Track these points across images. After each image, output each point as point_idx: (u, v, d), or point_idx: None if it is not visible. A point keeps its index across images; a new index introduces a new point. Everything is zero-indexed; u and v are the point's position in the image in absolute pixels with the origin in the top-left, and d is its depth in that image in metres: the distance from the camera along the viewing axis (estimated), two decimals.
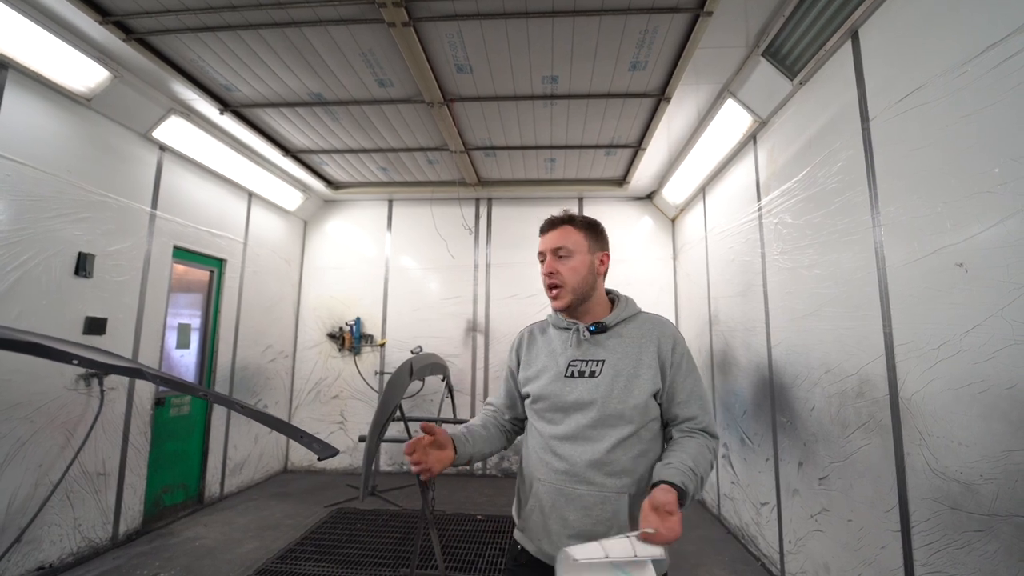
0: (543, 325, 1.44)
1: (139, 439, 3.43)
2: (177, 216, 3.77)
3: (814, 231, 2.55)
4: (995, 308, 1.53)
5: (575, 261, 1.31)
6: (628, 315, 1.33)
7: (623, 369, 1.24)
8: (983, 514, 1.57)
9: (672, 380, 1.26)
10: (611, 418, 1.21)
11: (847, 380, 2.28)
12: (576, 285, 1.30)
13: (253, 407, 1.35)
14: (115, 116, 3.19)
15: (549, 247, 1.34)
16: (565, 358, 1.30)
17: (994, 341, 1.54)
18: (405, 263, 5.49)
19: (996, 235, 1.53)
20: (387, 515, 3.98)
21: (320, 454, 1.30)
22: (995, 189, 1.54)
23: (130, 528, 3.36)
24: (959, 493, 1.66)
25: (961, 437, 1.66)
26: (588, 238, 1.34)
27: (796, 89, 2.69)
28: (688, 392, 1.26)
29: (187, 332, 4.04)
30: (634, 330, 1.30)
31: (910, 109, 1.90)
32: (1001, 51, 1.51)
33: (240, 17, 2.47)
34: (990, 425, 1.55)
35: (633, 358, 1.25)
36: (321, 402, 5.33)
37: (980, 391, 1.59)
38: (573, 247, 1.32)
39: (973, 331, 1.61)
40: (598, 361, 1.26)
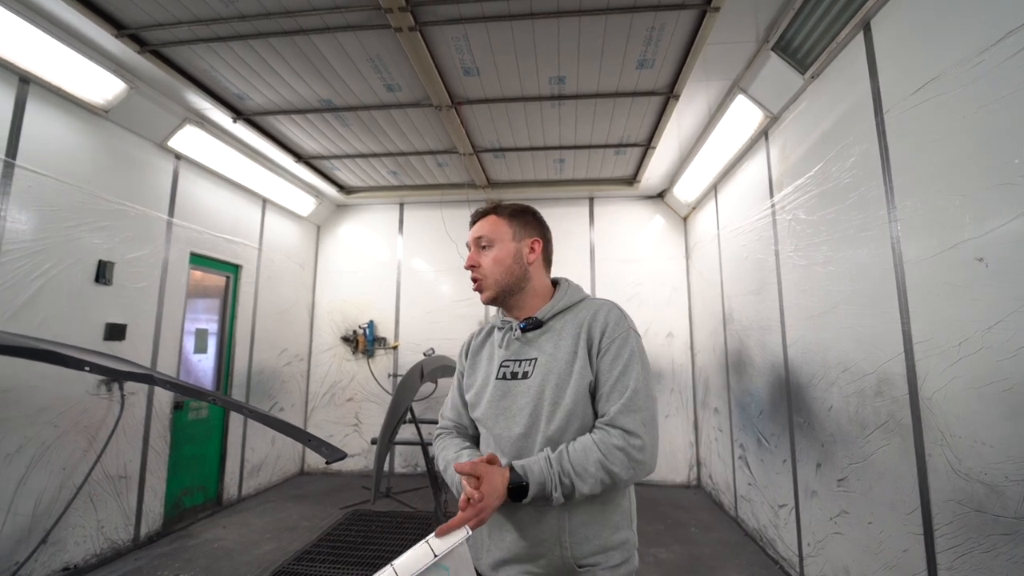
0: (489, 327, 1.33)
1: (159, 442, 3.50)
2: (193, 223, 3.85)
3: (829, 227, 2.50)
4: (1018, 303, 1.48)
5: (496, 251, 1.19)
6: (565, 306, 1.19)
7: (555, 367, 1.10)
8: (1009, 517, 1.52)
9: (598, 368, 1.09)
10: (542, 423, 1.08)
11: (865, 379, 2.23)
12: (499, 277, 1.18)
13: (261, 411, 1.37)
14: (132, 126, 3.27)
15: (472, 238, 1.24)
16: (498, 359, 1.20)
17: (1018, 337, 1.49)
18: (417, 266, 5.52)
19: (1017, 228, 1.48)
20: (401, 517, 3.99)
21: (328, 458, 1.30)
22: (1016, 180, 1.49)
23: (151, 530, 3.43)
24: (984, 495, 1.61)
25: (985, 437, 1.61)
26: (513, 225, 1.22)
27: (808, 83, 2.64)
28: (613, 382, 1.06)
29: (204, 337, 4.12)
30: (570, 323, 1.16)
31: (926, 100, 1.85)
32: (1019, 38, 1.47)
33: (250, 27, 2.51)
34: (1015, 425, 1.50)
35: (567, 352, 1.11)
36: (336, 405, 5.38)
37: (1004, 389, 1.54)
38: (494, 236, 1.21)
39: (995, 327, 1.56)
40: (530, 360, 1.14)
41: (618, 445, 1.01)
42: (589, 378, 1.08)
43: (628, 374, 1.07)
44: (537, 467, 1.00)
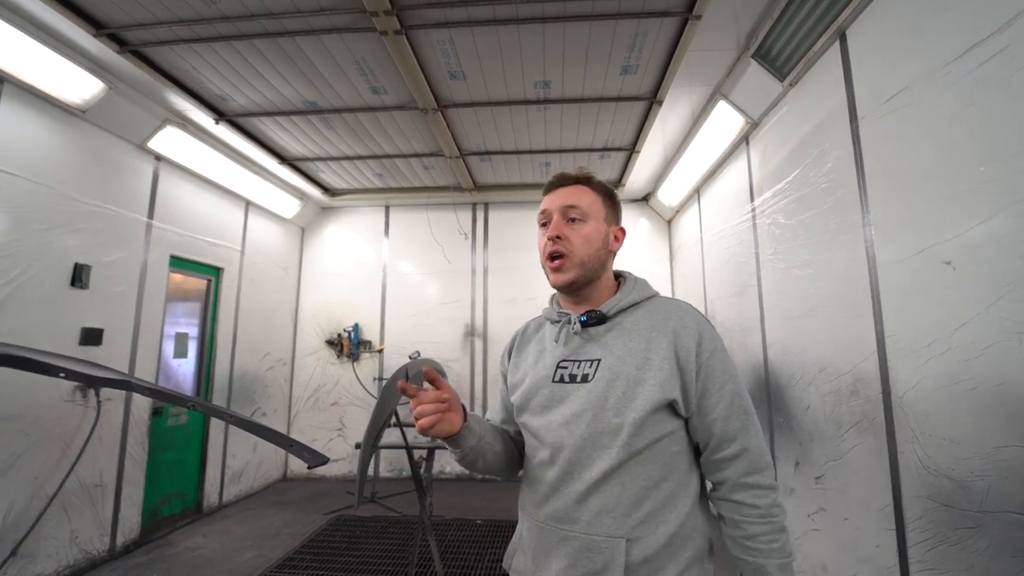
0: (540, 320, 1.18)
1: (136, 449, 3.43)
2: (174, 226, 3.78)
3: (806, 231, 2.57)
4: (982, 305, 1.54)
5: (589, 228, 1.03)
6: (635, 300, 1.03)
7: (623, 371, 0.95)
8: (975, 511, 1.58)
9: (703, 389, 0.94)
10: (604, 437, 0.93)
11: (841, 379, 2.29)
12: (586, 258, 1.01)
13: (241, 416, 1.36)
14: (110, 127, 3.20)
15: (558, 205, 1.05)
16: (554, 358, 1.04)
17: (982, 338, 1.55)
18: (403, 268, 5.50)
19: (982, 233, 1.55)
20: (386, 521, 3.97)
21: (310, 462, 1.29)
22: (980, 188, 1.55)
23: (128, 539, 3.35)
24: (951, 490, 1.67)
25: (952, 434, 1.67)
26: (607, 205, 1.08)
27: (787, 90, 2.71)
28: (727, 405, 0.94)
29: (184, 341, 4.04)
30: (643, 320, 1.00)
31: (897, 109, 1.92)
32: (984, 51, 1.53)
33: (233, 28, 2.49)
34: (980, 422, 1.56)
35: (638, 356, 0.96)
36: (320, 409, 5.32)
37: (970, 388, 1.60)
38: (588, 210, 1.04)
39: (962, 329, 1.62)
40: (591, 361, 0.99)
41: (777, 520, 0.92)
42: (673, 396, 0.92)
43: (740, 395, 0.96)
44: None
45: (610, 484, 0.91)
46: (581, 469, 0.94)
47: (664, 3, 2.32)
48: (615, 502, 0.91)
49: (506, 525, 3.85)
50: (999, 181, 1.48)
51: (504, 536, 3.64)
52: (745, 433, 0.94)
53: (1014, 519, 1.44)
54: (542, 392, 1.02)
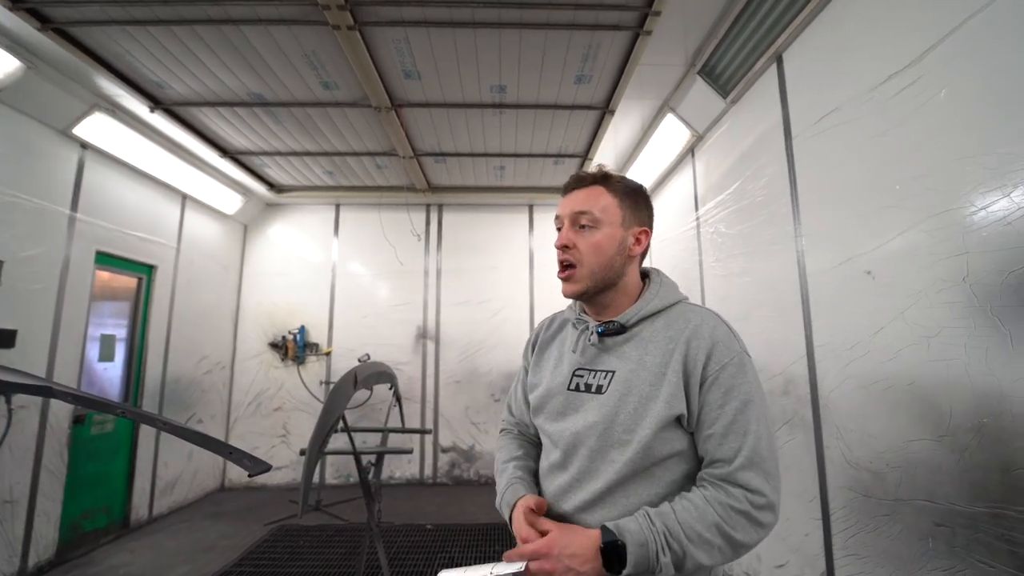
0: (564, 317, 1.15)
1: (54, 461, 3.14)
2: (101, 219, 3.51)
3: (745, 240, 2.72)
4: (897, 312, 1.69)
5: (600, 235, 0.99)
6: (656, 309, 0.98)
7: (636, 386, 0.92)
8: (889, 499, 1.72)
9: (703, 402, 0.90)
10: (612, 451, 0.92)
11: (774, 379, 2.44)
12: (597, 267, 0.98)
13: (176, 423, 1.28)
14: (29, 110, 2.94)
15: (569, 210, 1.02)
16: (570, 365, 1.03)
17: (897, 342, 1.70)
18: (353, 269, 5.36)
19: (898, 246, 1.70)
20: (332, 530, 3.85)
21: (251, 470, 1.24)
22: (897, 204, 1.70)
23: (42, 559, 3.07)
24: (870, 481, 1.82)
25: (871, 430, 1.82)
26: (624, 207, 1.01)
27: (729, 107, 2.87)
28: (727, 423, 0.87)
29: (112, 343, 3.76)
30: (661, 331, 0.96)
31: (827, 129, 2.07)
32: (900, 80, 1.68)
33: (172, 12, 2.35)
34: (894, 418, 1.71)
35: (653, 371, 0.92)
36: (262, 415, 5.09)
37: (886, 387, 1.75)
38: (601, 215, 0.99)
39: (880, 333, 1.77)
40: (606, 372, 0.97)
41: (740, 508, 0.83)
42: (679, 411, 0.89)
43: (747, 414, 0.87)
44: (635, 525, 0.83)
45: (615, 497, 0.91)
46: (589, 480, 0.93)
47: (617, 17, 2.40)
48: (618, 513, 0.89)
49: (457, 529, 3.82)
50: (913, 199, 1.63)
51: (455, 540, 3.62)
52: (746, 461, 0.85)
53: (922, 505, 1.59)
54: (557, 399, 1.02)
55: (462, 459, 5.12)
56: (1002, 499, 1.34)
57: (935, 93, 1.54)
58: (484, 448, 5.12)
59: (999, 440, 1.35)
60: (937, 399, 1.54)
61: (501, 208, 5.40)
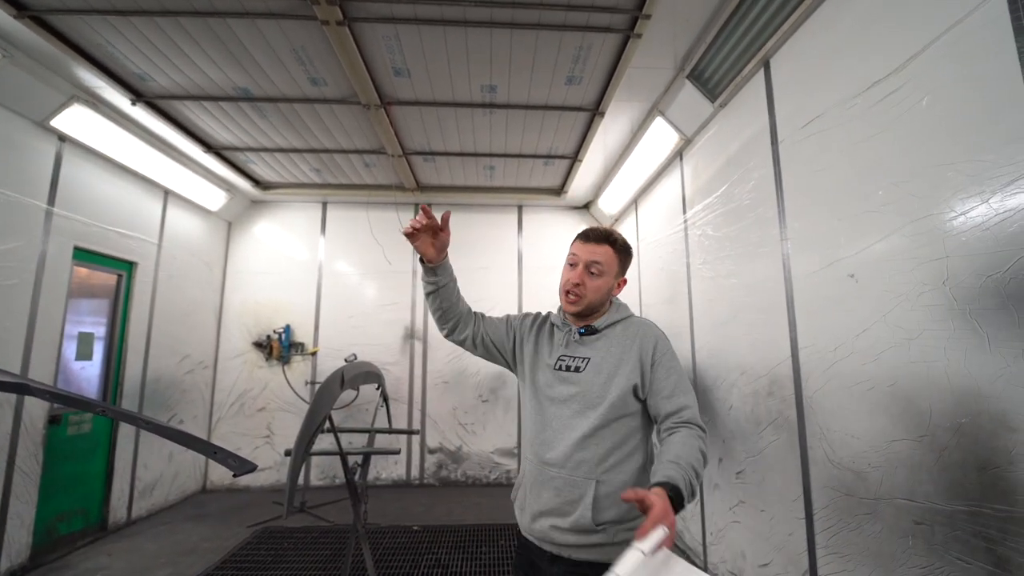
0: (552, 321, 1.55)
1: (28, 462, 3.06)
2: (79, 214, 3.42)
3: (732, 243, 2.75)
4: (879, 314, 1.72)
5: (602, 281, 1.40)
6: (616, 319, 1.44)
7: (604, 366, 1.36)
8: (870, 498, 1.75)
9: (654, 376, 1.34)
10: (588, 409, 1.32)
11: (759, 381, 2.47)
12: (593, 300, 1.40)
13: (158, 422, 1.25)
14: (4, 101, 2.85)
15: (586, 259, 1.41)
16: (557, 353, 1.44)
17: (879, 344, 1.73)
18: (340, 268, 5.30)
19: (880, 250, 1.73)
20: (317, 532, 3.81)
21: (236, 471, 1.21)
22: (879, 209, 1.74)
23: (14, 564, 2.98)
24: (852, 481, 1.85)
25: (854, 430, 1.85)
26: (619, 264, 1.45)
27: (717, 111, 2.89)
28: (672, 387, 1.32)
29: (89, 341, 3.67)
30: (620, 333, 1.41)
31: (812, 135, 2.10)
32: (883, 88, 1.72)
33: (156, 2, 2.30)
34: (875, 419, 1.74)
35: (615, 357, 1.37)
36: (245, 415, 5.01)
37: (868, 388, 1.78)
38: (606, 268, 1.41)
39: (862, 335, 1.80)
40: (583, 358, 1.39)
41: (699, 434, 1.24)
42: (636, 381, 1.32)
43: (683, 381, 1.34)
44: (674, 472, 1.11)
45: (588, 443, 1.30)
46: (570, 432, 1.33)
47: (608, 20, 2.41)
48: (591, 455, 1.30)
49: (444, 530, 3.80)
50: (894, 204, 1.67)
51: (442, 541, 3.60)
52: (685, 401, 1.30)
53: (902, 504, 1.62)
54: (547, 373, 1.42)
55: (449, 460, 5.09)
56: (980, 497, 1.37)
57: (917, 100, 1.57)
58: (471, 449, 5.10)
59: (977, 439, 1.38)
60: (918, 400, 1.57)
61: (490, 208, 5.39)
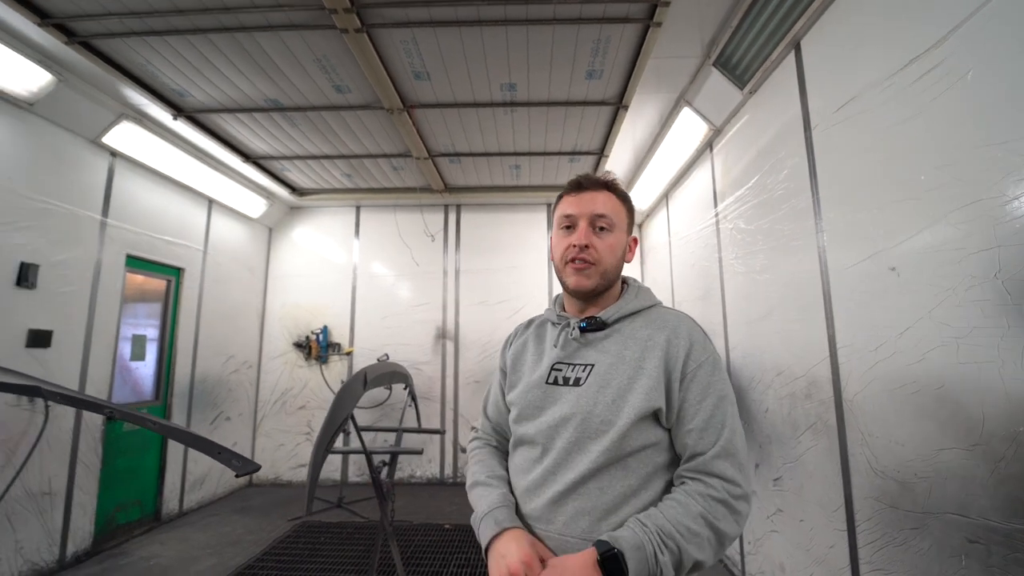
0: (544, 318, 1.17)
1: (89, 456, 3.30)
2: (130, 224, 3.66)
3: (765, 236, 2.61)
4: (924, 311, 1.58)
5: (614, 238, 1.02)
6: (635, 309, 1.03)
7: (614, 378, 0.95)
8: (918, 512, 1.61)
9: (683, 399, 0.92)
10: (588, 441, 0.92)
11: (796, 382, 2.33)
12: (609, 268, 1.01)
13: (164, 423, 1.30)
14: (61, 121, 3.08)
15: (587, 211, 1.02)
16: (550, 360, 1.04)
17: (924, 343, 1.58)
18: (373, 270, 5.43)
19: (924, 240, 1.58)
20: (352, 527, 3.90)
21: (239, 470, 1.25)
22: (922, 196, 1.59)
23: (79, 549, 3.22)
24: (897, 492, 1.71)
25: (898, 436, 1.71)
26: (627, 214, 1.07)
27: (747, 98, 2.75)
28: (705, 418, 0.91)
29: (142, 343, 3.91)
30: (640, 329, 0.99)
31: (847, 119, 1.96)
32: (921, 65, 1.57)
33: (188, 21, 2.41)
34: (922, 425, 1.60)
35: (631, 365, 0.95)
36: (287, 413, 5.21)
37: (913, 392, 1.63)
38: (616, 219, 1.03)
39: (906, 333, 1.66)
40: (585, 366, 0.99)
41: (718, 497, 0.85)
42: (658, 405, 0.91)
43: (723, 409, 0.91)
44: (628, 532, 0.83)
45: (588, 487, 0.91)
46: (564, 470, 0.93)
47: (625, 10, 2.33)
48: (592, 505, 0.90)
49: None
50: (938, 190, 1.52)
51: (472, 540, 3.61)
52: (719, 441, 0.89)
53: (952, 520, 1.48)
54: (535, 392, 1.02)
55: None
56: None
57: (962, 74, 1.43)
58: None
59: None
60: (968, 405, 1.43)
61: (519, 207, 5.37)
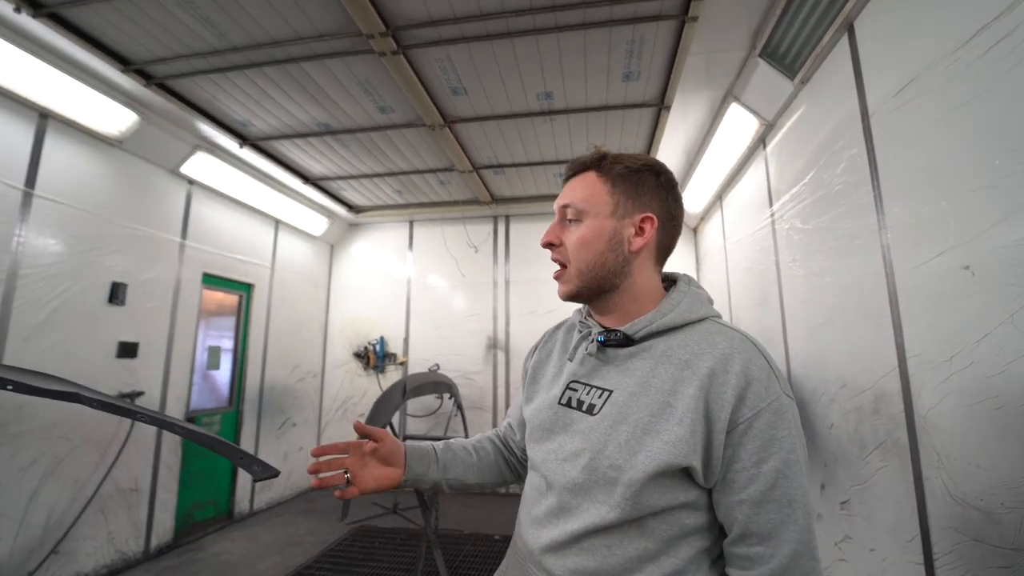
0: (571, 322, 1.00)
1: (170, 457, 3.62)
2: (206, 245, 4.01)
3: (823, 236, 2.40)
4: (1005, 314, 1.38)
5: (584, 228, 0.83)
6: (675, 323, 0.80)
7: (632, 413, 0.75)
8: (1006, 548, 1.39)
9: (734, 458, 0.70)
10: (597, 488, 0.75)
11: (863, 395, 2.11)
12: (584, 266, 0.83)
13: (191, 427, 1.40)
14: (145, 155, 3.45)
15: (557, 204, 0.89)
16: (567, 375, 0.87)
17: (1006, 351, 1.38)
18: (427, 282, 5.59)
19: (1000, 233, 1.39)
20: (406, 534, 3.99)
21: (259, 476, 1.32)
22: (997, 183, 1.40)
23: (161, 542, 3.53)
24: (980, 522, 1.49)
25: (979, 459, 1.49)
26: (616, 192, 0.83)
27: (798, 89, 2.56)
28: (764, 488, 0.68)
29: (217, 354, 4.26)
30: (678, 349, 0.78)
31: (907, 102, 1.77)
32: (992, 34, 1.39)
33: (243, 57, 2.63)
34: (1006, 446, 1.38)
35: (657, 398, 0.75)
36: (348, 420, 5.45)
37: (995, 408, 1.42)
38: (584, 205, 0.84)
39: (984, 340, 1.46)
40: (602, 391, 0.81)
41: None
42: (689, 463, 0.70)
43: (790, 479, 0.67)
44: None
45: (594, 544, 0.74)
46: (566, 517, 0.78)
47: (657, 7, 2.26)
48: (595, 566, 0.73)
49: None
50: (1014, 175, 1.33)
51: None
52: (780, 536, 0.66)
53: None
54: (546, 413, 0.87)
55: None
56: None
57: None
58: None
59: None
60: None
61: None
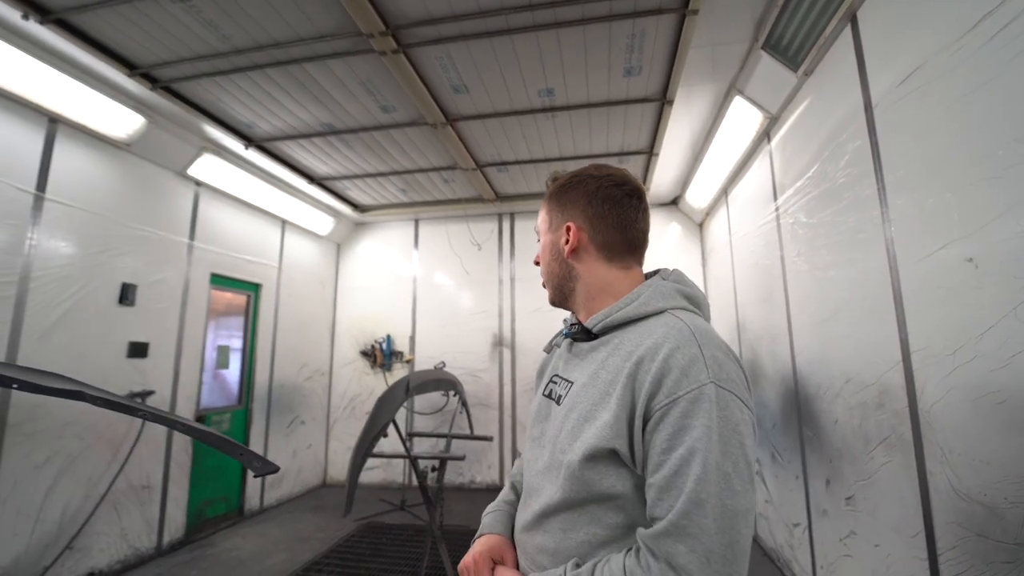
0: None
1: (181, 455, 3.68)
2: (213, 245, 4.06)
3: (827, 230, 2.38)
4: (1008, 307, 1.36)
5: (540, 246, 1.00)
6: (633, 316, 0.84)
7: (581, 401, 0.81)
8: (1010, 543, 1.38)
9: (649, 444, 0.72)
10: (552, 471, 0.82)
11: (867, 390, 2.09)
12: (548, 276, 0.98)
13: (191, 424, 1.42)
14: (153, 158, 3.50)
15: None
16: (551, 369, 1.00)
17: (1009, 345, 1.36)
18: (432, 280, 5.61)
19: (1004, 225, 1.37)
20: (413, 530, 4.02)
21: (259, 471, 1.34)
22: (1001, 174, 1.38)
23: (173, 538, 3.59)
24: (984, 518, 1.47)
25: (983, 454, 1.48)
26: (551, 210, 0.97)
27: (802, 80, 2.54)
28: (668, 475, 0.68)
29: (226, 353, 4.31)
30: (628, 342, 0.81)
31: (911, 92, 1.74)
32: (995, 21, 1.37)
33: (246, 59, 2.65)
34: (1010, 440, 1.37)
35: (600, 388, 0.80)
36: (356, 418, 5.50)
37: (998, 402, 1.41)
38: (540, 226, 1.01)
39: (987, 334, 1.44)
40: (567, 383, 0.89)
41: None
42: (612, 445, 0.73)
43: (689, 467, 0.67)
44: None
45: (552, 524, 0.80)
46: (535, 497, 0.85)
47: (657, 1, 2.24)
48: (555, 545, 0.79)
49: None
50: (1019, 166, 1.31)
51: None
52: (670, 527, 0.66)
53: None
54: (537, 404, 0.96)
55: None
56: None
57: None
58: None
59: None
60: None
61: None
